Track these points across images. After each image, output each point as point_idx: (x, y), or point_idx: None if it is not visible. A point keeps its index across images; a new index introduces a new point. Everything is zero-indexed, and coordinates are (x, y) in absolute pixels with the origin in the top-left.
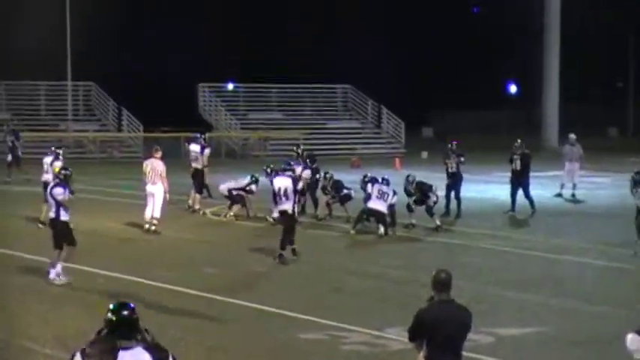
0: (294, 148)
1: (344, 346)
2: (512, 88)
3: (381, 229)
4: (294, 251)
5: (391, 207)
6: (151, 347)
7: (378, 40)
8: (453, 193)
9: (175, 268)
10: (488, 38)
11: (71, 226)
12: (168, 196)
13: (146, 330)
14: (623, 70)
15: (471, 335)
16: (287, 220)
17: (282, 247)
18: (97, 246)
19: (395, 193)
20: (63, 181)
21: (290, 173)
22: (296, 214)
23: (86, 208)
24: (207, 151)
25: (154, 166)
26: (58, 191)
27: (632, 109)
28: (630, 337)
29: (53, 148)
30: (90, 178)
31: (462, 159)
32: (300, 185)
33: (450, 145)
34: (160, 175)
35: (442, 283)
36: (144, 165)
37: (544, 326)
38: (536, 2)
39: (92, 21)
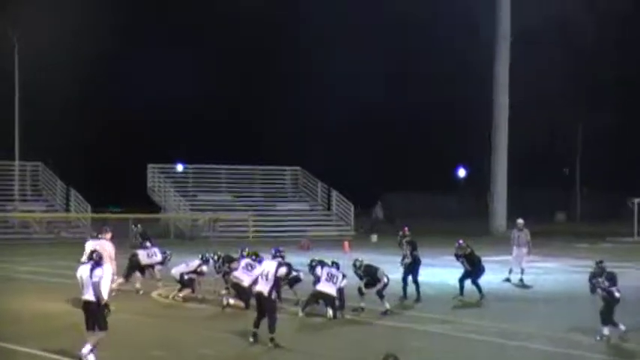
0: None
1: None
2: (462, 172)
3: (330, 312)
4: (271, 340)
5: (340, 290)
6: None
7: (328, 124)
8: (410, 277)
9: (123, 351)
10: (437, 123)
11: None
12: (115, 277)
13: None
14: (571, 156)
15: None
16: (260, 302)
17: (254, 326)
18: (45, 328)
19: (344, 276)
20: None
21: (279, 259)
22: (273, 297)
23: (33, 289)
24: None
25: (103, 247)
26: (98, 273)
27: (578, 194)
28: None
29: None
30: (34, 258)
31: (416, 253)
32: (284, 271)
33: (401, 233)
34: (109, 256)
35: None
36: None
37: None
38: (486, 89)
39: (40, 101)
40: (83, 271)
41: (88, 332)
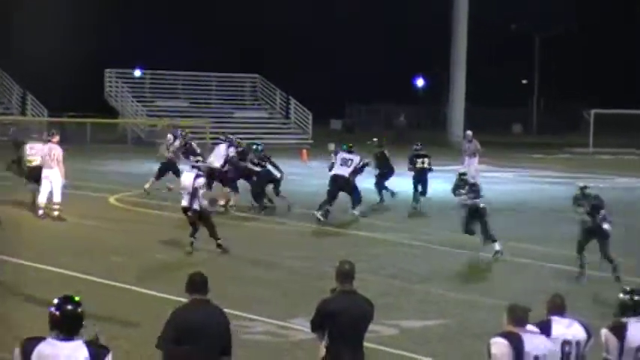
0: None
1: (245, 335)
2: (420, 82)
3: (356, 212)
4: (218, 245)
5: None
6: (91, 343)
7: (288, 31)
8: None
9: (82, 257)
10: (396, 32)
11: None
12: (64, 180)
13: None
14: (529, 68)
15: (373, 327)
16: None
17: (190, 235)
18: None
19: (362, 160)
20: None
21: (196, 170)
22: (194, 208)
23: None
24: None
25: (51, 150)
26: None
27: (535, 106)
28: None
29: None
30: None
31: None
32: (202, 181)
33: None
34: (57, 159)
35: (345, 274)
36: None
37: (446, 319)
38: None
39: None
40: None
41: None
